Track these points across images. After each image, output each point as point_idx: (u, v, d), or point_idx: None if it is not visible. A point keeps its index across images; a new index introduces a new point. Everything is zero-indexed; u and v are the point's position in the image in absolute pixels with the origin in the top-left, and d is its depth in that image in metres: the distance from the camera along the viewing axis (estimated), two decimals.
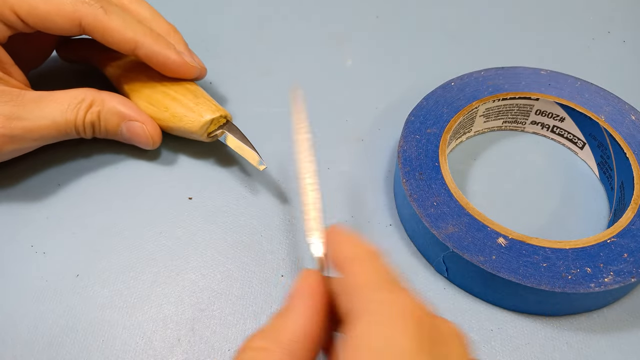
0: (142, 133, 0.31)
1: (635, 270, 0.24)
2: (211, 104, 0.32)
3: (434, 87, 0.33)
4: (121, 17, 0.30)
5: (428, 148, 0.30)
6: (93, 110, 0.29)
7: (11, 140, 0.28)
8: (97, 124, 0.30)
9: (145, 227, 0.30)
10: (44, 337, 0.25)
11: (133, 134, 0.31)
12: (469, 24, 0.43)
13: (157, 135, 0.31)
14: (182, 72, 0.32)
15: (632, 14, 0.44)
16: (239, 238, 0.29)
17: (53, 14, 0.28)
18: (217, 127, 0.32)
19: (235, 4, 0.45)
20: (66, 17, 0.28)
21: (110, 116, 0.30)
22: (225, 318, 0.26)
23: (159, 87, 0.32)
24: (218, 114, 0.31)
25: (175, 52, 0.31)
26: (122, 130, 0.31)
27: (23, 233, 0.29)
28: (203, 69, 0.33)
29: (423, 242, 0.28)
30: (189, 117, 0.31)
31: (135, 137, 0.31)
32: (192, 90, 0.32)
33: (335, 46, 0.41)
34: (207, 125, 0.31)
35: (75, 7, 0.28)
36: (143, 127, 0.31)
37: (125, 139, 0.31)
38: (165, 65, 0.31)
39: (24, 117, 0.28)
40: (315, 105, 0.37)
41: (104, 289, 0.27)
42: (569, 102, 0.32)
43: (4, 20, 0.28)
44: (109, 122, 0.30)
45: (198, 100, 0.32)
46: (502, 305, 0.26)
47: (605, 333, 0.26)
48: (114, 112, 0.30)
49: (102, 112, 0.30)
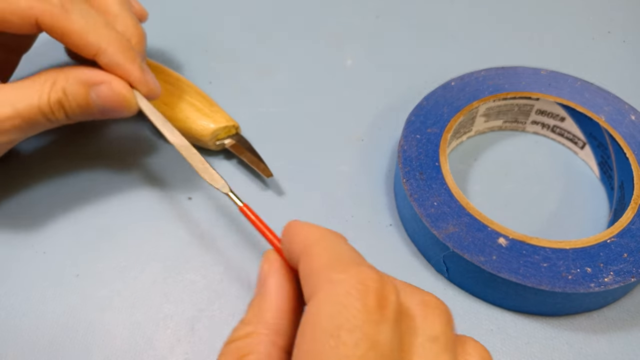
0: (112, 94, 0.27)
1: (635, 270, 0.24)
2: (224, 113, 0.33)
3: (434, 87, 0.33)
4: (84, 17, 0.26)
5: (428, 148, 0.30)
6: (57, 88, 0.26)
7: None
8: (66, 102, 0.26)
9: (145, 227, 0.30)
10: (45, 337, 0.25)
11: (103, 98, 0.27)
12: (469, 24, 0.43)
13: (128, 94, 0.27)
14: (138, 88, 0.28)
15: (632, 14, 0.44)
16: (239, 238, 0.29)
17: (7, 12, 0.26)
18: (227, 137, 0.32)
19: (235, 4, 0.45)
20: (20, 16, 0.26)
21: (76, 87, 0.26)
22: (225, 318, 0.26)
23: (176, 91, 0.33)
24: (231, 123, 0.32)
25: (138, 68, 0.28)
26: (92, 98, 0.27)
27: (23, 233, 0.29)
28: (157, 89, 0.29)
29: (423, 242, 0.28)
30: (203, 121, 0.32)
31: (107, 103, 0.27)
32: (207, 99, 0.33)
33: (335, 46, 0.41)
34: (219, 131, 0.32)
35: (29, 4, 0.25)
36: (110, 87, 0.27)
37: (99, 109, 0.27)
38: (125, 77, 0.28)
39: None
40: (315, 105, 0.37)
41: (104, 289, 0.27)
42: (569, 102, 0.32)
43: None
44: (77, 95, 0.26)
45: (213, 108, 0.33)
46: (502, 305, 0.26)
47: (605, 333, 0.26)
48: (77, 81, 0.26)
49: (66, 86, 0.26)
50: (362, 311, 0.15)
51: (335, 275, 0.16)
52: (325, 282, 0.16)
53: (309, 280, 0.17)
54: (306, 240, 0.18)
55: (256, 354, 0.17)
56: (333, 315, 0.15)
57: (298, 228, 0.19)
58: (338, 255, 0.17)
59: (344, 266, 0.16)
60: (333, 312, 0.15)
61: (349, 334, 0.14)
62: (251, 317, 0.18)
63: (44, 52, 0.37)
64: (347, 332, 0.14)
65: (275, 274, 0.19)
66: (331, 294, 0.15)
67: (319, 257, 0.17)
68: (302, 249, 0.18)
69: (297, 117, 0.36)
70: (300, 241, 0.19)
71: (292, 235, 0.19)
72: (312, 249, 0.18)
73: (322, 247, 0.17)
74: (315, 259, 0.17)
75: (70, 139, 0.34)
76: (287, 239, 0.19)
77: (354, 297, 0.15)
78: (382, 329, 0.15)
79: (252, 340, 0.17)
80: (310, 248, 0.18)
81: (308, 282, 0.17)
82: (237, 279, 0.27)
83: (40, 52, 0.39)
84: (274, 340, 0.18)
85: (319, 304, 0.15)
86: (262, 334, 0.18)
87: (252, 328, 0.18)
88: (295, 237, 0.19)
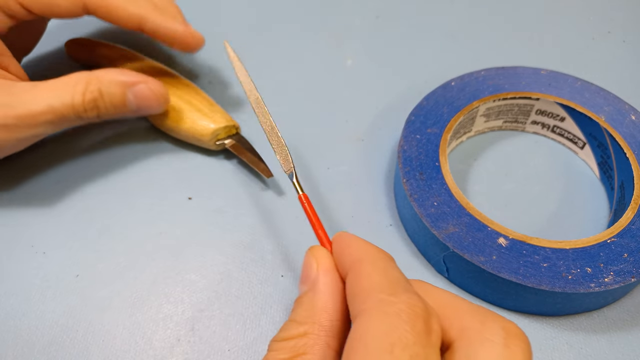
0: (150, 93, 0.30)
1: (635, 270, 0.24)
2: (225, 113, 0.33)
3: (434, 87, 0.33)
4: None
5: (428, 148, 0.30)
6: (92, 89, 0.28)
7: (5, 130, 0.27)
8: (101, 102, 0.29)
9: (145, 227, 0.30)
10: (44, 337, 0.25)
11: (141, 98, 0.29)
12: (469, 24, 0.43)
13: (164, 91, 0.31)
14: (188, 43, 0.32)
15: (632, 14, 0.44)
16: (239, 238, 0.29)
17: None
18: (227, 137, 0.32)
19: (235, 3, 0.45)
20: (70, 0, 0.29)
21: (113, 88, 0.29)
22: (225, 318, 0.26)
23: (176, 92, 0.33)
24: (232, 123, 0.32)
25: (182, 24, 0.31)
26: (129, 99, 0.29)
27: (23, 233, 0.29)
28: (203, 41, 0.33)
29: (423, 242, 0.28)
30: (204, 121, 0.32)
31: (145, 101, 0.30)
32: (207, 99, 0.33)
33: (335, 46, 0.41)
34: (219, 131, 0.32)
35: None
36: (148, 87, 0.30)
37: (134, 108, 0.30)
38: (173, 38, 0.31)
39: (16, 104, 0.27)
40: (315, 105, 0.37)
41: (104, 289, 0.27)
42: (569, 102, 0.32)
43: (7, 11, 0.28)
44: (113, 95, 0.29)
45: (213, 108, 0.33)
46: (502, 305, 0.26)
47: (605, 333, 0.26)
48: (114, 83, 0.29)
49: (102, 88, 0.28)
50: (412, 333, 0.15)
51: (386, 297, 0.16)
52: (376, 301, 0.16)
53: (358, 297, 0.17)
54: (356, 255, 0.19)
55: (312, 355, 0.17)
56: (385, 332, 0.15)
57: (348, 240, 0.20)
58: (388, 277, 0.17)
59: (394, 289, 0.17)
60: (385, 330, 0.15)
61: (403, 351, 0.15)
62: (305, 316, 0.18)
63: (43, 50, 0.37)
64: (400, 349, 0.15)
65: (328, 274, 0.19)
66: (382, 313, 0.16)
67: (369, 276, 0.17)
68: (352, 264, 0.18)
69: (297, 117, 0.36)
70: (350, 254, 0.19)
71: (342, 247, 0.19)
72: (363, 266, 0.18)
73: (373, 267, 0.18)
74: (366, 278, 0.17)
75: (69, 140, 0.34)
76: (337, 250, 0.20)
77: (404, 320, 0.15)
78: (430, 352, 0.15)
79: (308, 341, 0.18)
80: (361, 265, 0.18)
81: (357, 299, 0.17)
82: (237, 279, 0.27)
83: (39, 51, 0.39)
84: (328, 343, 0.18)
85: (369, 321, 0.16)
86: (317, 335, 0.18)
87: (307, 328, 0.18)
88: (346, 250, 0.19)
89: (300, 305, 0.19)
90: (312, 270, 0.20)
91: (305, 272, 0.20)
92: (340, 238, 0.20)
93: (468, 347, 0.16)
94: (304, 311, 0.18)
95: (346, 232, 0.20)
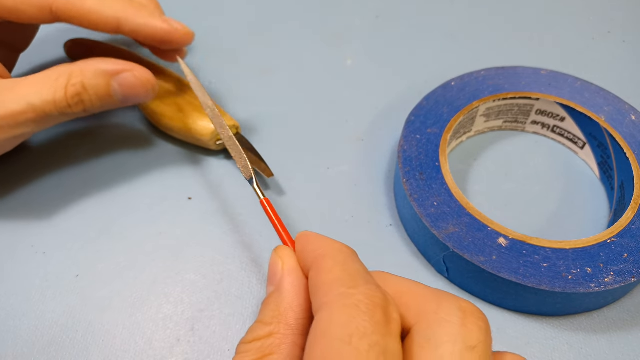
0: (136, 81, 0.28)
1: (636, 270, 0.24)
2: (225, 113, 0.33)
3: (434, 87, 0.33)
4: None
5: (428, 148, 0.30)
6: (74, 82, 0.26)
7: None
8: (86, 95, 0.27)
9: (145, 227, 0.30)
10: (44, 337, 0.25)
11: (127, 86, 0.27)
12: (469, 24, 0.43)
13: (151, 78, 0.28)
14: (172, 40, 0.29)
15: (632, 14, 0.44)
16: (239, 238, 0.29)
17: (20, 2, 0.26)
18: None
19: (235, 3, 0.45)
20: (35, 5, 0.27)
21: (96, 79, 0.27)
22: (225, 318, 0.26)
23: (176, 92, 0.33)
24: (231, 123, 0.32)
25: (161, 20, 0.29)
26: (114, 89, 0.27)
27: (23, 233, 0.29)
28: (190, 33, 0.30)
29: (423, 242, 0.28)
30: (203, 121, 0.32)
31: (131, 90, 0.28)
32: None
33: (335, 46, 0.41)
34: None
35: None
36: (134, 74, 0.27)
37: (120, 98, 0.28)
38: (153, 36, 0.29)
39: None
40: (315, 105, 0.37)
41: (104, 289, 0.27)
42: (569, 102, 0.32)
43: None
44: (98, 87, 0.27)
45: None
46: (502, 305, 0.26)
47: (605, 333, 0.26)
48: (98, 74, 0.27)
49: (85, 80, 0.27)
50: (371, 322, 0.15)
51: (346, 290, 0.16)
52: (336, 295, 0.16)
53: (319, 291, 0.17)
54: (318, 251, 0.19)
55: (279, 355, 0.17)
56: (344, 324, 0.15)
57: (310, 238, 0.20)
58: (348, 271, 0.17)
59: (354, 282, 0.17)
60: (344, 321, 0.15)
61: (361, 340, 0.15)
62: (270, 317, 0.18)
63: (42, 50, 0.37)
64: (358, 338, 0.15)
65: (292, 273, 0.19)
66: (341, 305, 0.16)
67: (330, 271, 0.17)
68: (314, 260, 0.18)
69: (297, 117, 0.36)
70: (311, 251, 0.19)
71: (304, 245, 0.20)
72: (324, 261, 0.18)
73: (334, 261, 0.18)
74: (326, 273, 0.17)
75: (69, 139, 0.34)
76: (300, 248, 0.20)
77: (362, 311, 0.16)
78: (390, 340, 0.15)
79: (274, 341, 0.18)
80: (322, 260, 0.18)
81: (318, 294, 0.17)
82: (237, 279, 0.27)
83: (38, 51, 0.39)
84: (295, 341, 0.18)
85: (330, 314, 0.16)
86: (284, 334, 0.18)
87: (273, 328, 0.18)
88: (307, 246, 0.19)
89: (267, 305, 0.19)
90: (277, 270, 0.20)
91: (272, 273, 0.20)
92: (303, 236, 0.20)
93: (427, 330, 0.16)
94: (270, 311, 0.18)
95: (309, 231, 0.20)
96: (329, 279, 0.17)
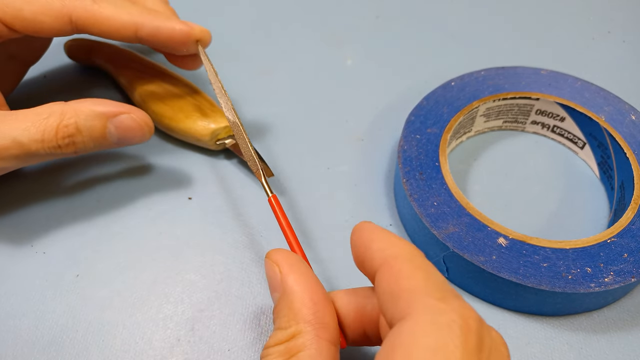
0: (134, 124, 0.27)
1: (636, 270, 0.24)
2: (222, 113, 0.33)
3: (434, 87, 0.33)
4: (111, 3, 0.27)
5: (428, 148, 0.30)
6: (67, 122, 0.25)
7: None
8: (79, 136, 0.26)
9: (145, 227, 0.30)
10: (44, 337, 0.25)
11: (124, 129, 0.27)
12: (469, 24, 0.43)
13: (149, 121, 0.28)
14: (191, 40, 0.29)
15: (632, 14, 0.44)
16: (239, 238, 0.29)
17: (39, 13, 0.26)
18: (227, 136, 0.32)
19: (235, 3, 0.45)
20: (54, 16, 0.26)
21: (92, 121, 0.26)
22: (225, 318, 0.26)
23: (176, 92, 0.33)
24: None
25: (179, 22, 0.29)
26: (110, 131, 0.26)
27: (23, 233, 0.29)
28: (208, 33, 0.30)
29: (423, 242, 0.28)
30: (204, 121, 0.31)
31: (128, 132, 0.27)
32: (207, 99, 0.33)
33: (335, 46, 0.41)
34: (219, 131, 0.32)
35: (62, 3, 0.26)
36: (131, 117, 0.27)
37: (115, 141, 0.27)
38: (172, 38, 0.29)
39: None
40: (315, 105, 0.37)
41: (104, 289, 0.27)
42: (569, 102, 0.32)
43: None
44: (93, 128, 0.26)
45: (213, 108, 0.32)
46: (502, 305, 0.26)
47: (605, 333, 0.26)
48: (93, 115, 0.26)
49: (79, 121, 0.26)
50: (462, 350, 0.15)
51: (435, 302, 0.15)
52: (423, 307, 0.15)
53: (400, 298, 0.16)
54: (387, 251, 0.18)
55: (307, 350, 0.17)
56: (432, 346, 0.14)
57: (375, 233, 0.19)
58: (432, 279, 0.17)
59: (443, 295, 0.16)
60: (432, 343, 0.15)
61: None
62: (286, 321, 0.18)
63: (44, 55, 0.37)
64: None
65: (291, 272, 0.19)
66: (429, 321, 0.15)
67: (411, 277, 0.17)
68: (384, 261, 0.17)
69: (297, 117, 0.36)
70: (379, 249, 0.18)
71: (368, 240, 0.19)
72: (400, 264, 0.17)
73: (412, 265, 0.17)
74: (407, 278, 0.17)
75: None
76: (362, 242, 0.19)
77: (456, 335, 0.15)
78: None
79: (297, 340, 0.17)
80: (395, 262, 0.17)
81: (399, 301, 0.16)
82: (237, 279, 0.27)
83: None
84: (318, 334, 0.17)
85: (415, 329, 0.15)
86: (305, 331, 0.17)
87: (294, 330, 0.18)
88: (374, 244, 0.18)
89: (280, 311, 0.19)
90: (276, 275, 0.19)
91: (271, 279, 0.20)
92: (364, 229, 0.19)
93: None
94: (284, 316, 0.18)
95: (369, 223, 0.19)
96: (411, 285, 0.16)
